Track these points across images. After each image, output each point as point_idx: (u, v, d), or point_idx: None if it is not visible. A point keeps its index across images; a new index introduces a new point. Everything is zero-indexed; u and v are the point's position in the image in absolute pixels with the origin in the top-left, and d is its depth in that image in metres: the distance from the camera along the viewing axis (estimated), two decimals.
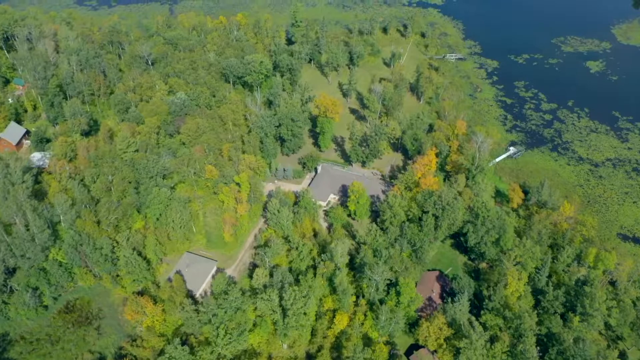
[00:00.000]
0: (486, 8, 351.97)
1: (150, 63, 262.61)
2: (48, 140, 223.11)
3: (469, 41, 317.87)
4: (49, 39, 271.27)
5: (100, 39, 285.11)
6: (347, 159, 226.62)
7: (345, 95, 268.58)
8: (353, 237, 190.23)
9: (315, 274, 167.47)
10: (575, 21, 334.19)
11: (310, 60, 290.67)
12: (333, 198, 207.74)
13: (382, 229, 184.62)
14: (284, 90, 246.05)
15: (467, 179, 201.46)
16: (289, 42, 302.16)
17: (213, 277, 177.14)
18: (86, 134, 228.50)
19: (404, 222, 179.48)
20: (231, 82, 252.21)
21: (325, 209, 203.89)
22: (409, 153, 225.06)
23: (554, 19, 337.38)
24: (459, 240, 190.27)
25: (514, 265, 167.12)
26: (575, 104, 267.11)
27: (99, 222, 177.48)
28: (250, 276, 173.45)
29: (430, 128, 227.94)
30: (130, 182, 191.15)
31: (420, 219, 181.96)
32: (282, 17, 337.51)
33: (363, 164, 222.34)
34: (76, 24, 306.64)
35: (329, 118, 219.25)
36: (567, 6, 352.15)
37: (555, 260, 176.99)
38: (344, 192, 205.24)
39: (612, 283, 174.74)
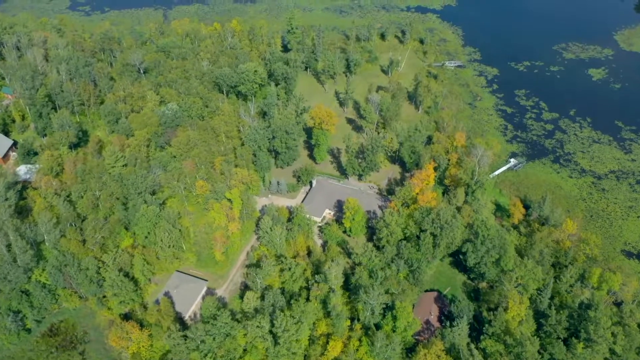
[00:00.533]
0: (486, 13, 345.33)
1: (142, 71, 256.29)
2: (36, 153, 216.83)
3: (468, 48, 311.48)
4: (38, 47, 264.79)
5: (91, 46, 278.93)
6: (343, 172, 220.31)
7: (342, 104, 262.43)
8: (349, 254, 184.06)
9: (308, 296, 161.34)
10: (577, 27, 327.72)
11: (306, 67, 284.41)
12: (328, 213, 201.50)
13: (378, 247, 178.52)
14: (278, 98, 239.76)
15: (467, 194, 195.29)
16: (285, 48, 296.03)
17: (203, 297, 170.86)
18: (75, 145, 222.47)
19: (400, 241, 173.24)
20: (224, 92, 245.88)
21: (320, 224, 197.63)
22: (407, 166, 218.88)
23: (555, 24, 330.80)
24: (458, 258, 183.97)
25: (515, 287, 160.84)
26: (577, 113, 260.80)
27: (84, 241, 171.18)
28: (242, 297, 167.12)
29: (429, 140, 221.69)
30: (118, 199, 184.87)
31: (418, 236, 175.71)
32: (278, 23, 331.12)
33: (359, 177, 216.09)
34: (67, 31, 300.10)
35: (325, 130, 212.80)
36: (568, 11, 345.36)
37: (557, 280, 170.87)
38: (339, 207, 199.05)
39: (618, 304, 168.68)
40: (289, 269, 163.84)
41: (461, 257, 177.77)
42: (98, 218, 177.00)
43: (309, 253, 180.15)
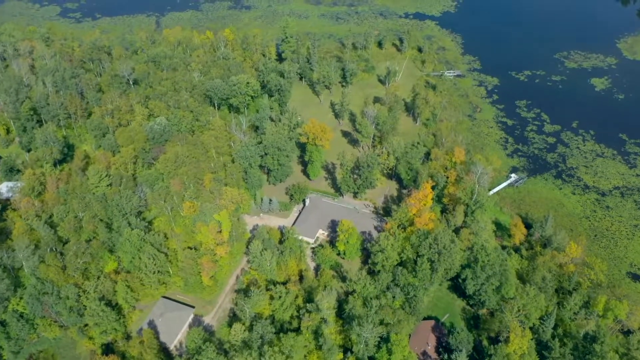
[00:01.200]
0: (486, 20, 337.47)
1: (131, 83, 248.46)
2: (19, 170, 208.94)
3: (467, 56, 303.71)
4: (25, 57, 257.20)
5: (80, 56, 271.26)
6: (337, 189, 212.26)
7: (337, 116, 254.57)
8: (343, 279, 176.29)
9: (299, 325, 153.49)
10: (579, 34, 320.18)
11: (301, 77, 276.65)
12: (322, 234, 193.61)
13: (373, 271, 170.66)
14: (271, 109, 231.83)
15: (466, 214, 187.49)
16: (279, 56, 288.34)
17: (190, 326, 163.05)
18: (61, 161, 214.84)
19: (396, 266, 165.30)
20: (216, 104, 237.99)
21: (313, 246, 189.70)
22: (404, 182, 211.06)
23: (557, 32, 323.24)
24: (457, 282, 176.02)
25: (517, 316, 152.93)
26: (580, 125, 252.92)
27: (65, 268, 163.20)
28: (230, 324, 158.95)
29: (427, 156, 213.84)
30: (102, 220, 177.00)
31: (415, 261, 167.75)
32: (273, 30, 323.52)
33: (355, 194, 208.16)
34: (56, 39, 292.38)
35: (318, 146, 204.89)
36: (569, 18, 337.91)
37: (561, 307, 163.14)
38: (333, 228, 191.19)
39: (625, 332, 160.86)
40: (279, 297, 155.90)
41: (460, 281, 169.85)
42: (80, 242, 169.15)
43: (301, 278, 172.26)
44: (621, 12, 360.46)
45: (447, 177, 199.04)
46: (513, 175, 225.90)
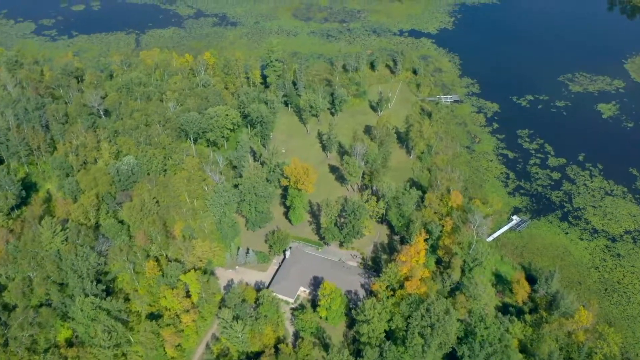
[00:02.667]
0: (485, 38, 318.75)
1: (101, 113, 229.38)
2: None
3: (465, 78, 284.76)
4: None
5: (49, 82, 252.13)
6: (322, 237, 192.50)
7: (324, 148, 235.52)
8: (325, 347, 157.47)
9: None
10: (584, 54, 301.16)
11: (287, 104, 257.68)
12: (303, 291, 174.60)
13: (358, 340, 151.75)
14: (252, 138, 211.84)
15: (463, 271, 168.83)
16: (265, 79, 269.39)
17: None
18: (20, 204, 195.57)
19: (383, 342, 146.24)
20: (191, 139, 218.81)
21: (293, 306, 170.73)
22: (395, 229, 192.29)
23: (560, 50, 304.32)
24: (453, 351, 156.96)
25: None
26: (587, 158, 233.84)
27: (7, 342, 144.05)
28: None
29: (422, 197, 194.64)
30: (55, 282, 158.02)
31: (406, 330, 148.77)
32: (259, 49, 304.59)
33: (341, 244, 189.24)
34: (25, 62, 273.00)
35: (301, 190, 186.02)
36: (573, 35, 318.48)
37: None
38: (316, 284, 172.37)
39: None
40: None
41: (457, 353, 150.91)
42: (28, 310, 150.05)
43: (277, 348, 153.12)
44: (628, 29, 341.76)
45: (443, 226, 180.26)
46: (515, 217, 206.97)
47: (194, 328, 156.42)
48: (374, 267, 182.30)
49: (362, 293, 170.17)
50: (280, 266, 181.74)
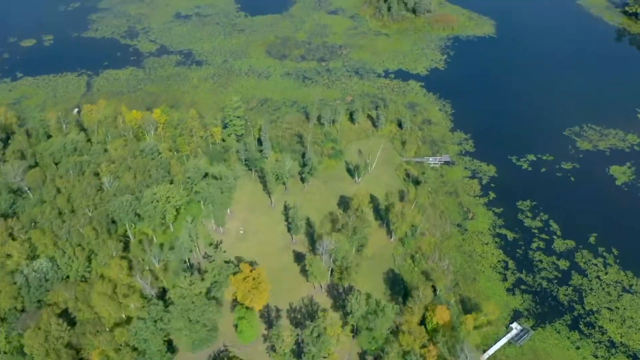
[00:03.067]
0: (480, 81, 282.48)
1: (25, 189, 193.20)
2: None
3: (458, 133, 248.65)
4: None
5: None
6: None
7: (289, 229, 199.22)
8: None
9: None
10: (591, 102, 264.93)
11: (250, 168, 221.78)
12: None
13: None
14: (192, 238, 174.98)
15: None
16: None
17: None
18: None
19: None
20: (127, 227, 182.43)
21: None
22: (368, 352, 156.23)
23: (565, 98, 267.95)
24: None
25: None
26: (599, 239, 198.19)
27: None
28: None
29: (404, 299, 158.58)
30: None
31: None
32: (227, 93, 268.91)
33: None
34: None
35: (249, 308, 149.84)
36: (580, 83, 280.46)
37: None
38: None
39: None
40: None
41: None
42: None
43: None
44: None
45: (425, 358, 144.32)
46: (515, 325, 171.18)
47: None
48: None
49: None
50: None
